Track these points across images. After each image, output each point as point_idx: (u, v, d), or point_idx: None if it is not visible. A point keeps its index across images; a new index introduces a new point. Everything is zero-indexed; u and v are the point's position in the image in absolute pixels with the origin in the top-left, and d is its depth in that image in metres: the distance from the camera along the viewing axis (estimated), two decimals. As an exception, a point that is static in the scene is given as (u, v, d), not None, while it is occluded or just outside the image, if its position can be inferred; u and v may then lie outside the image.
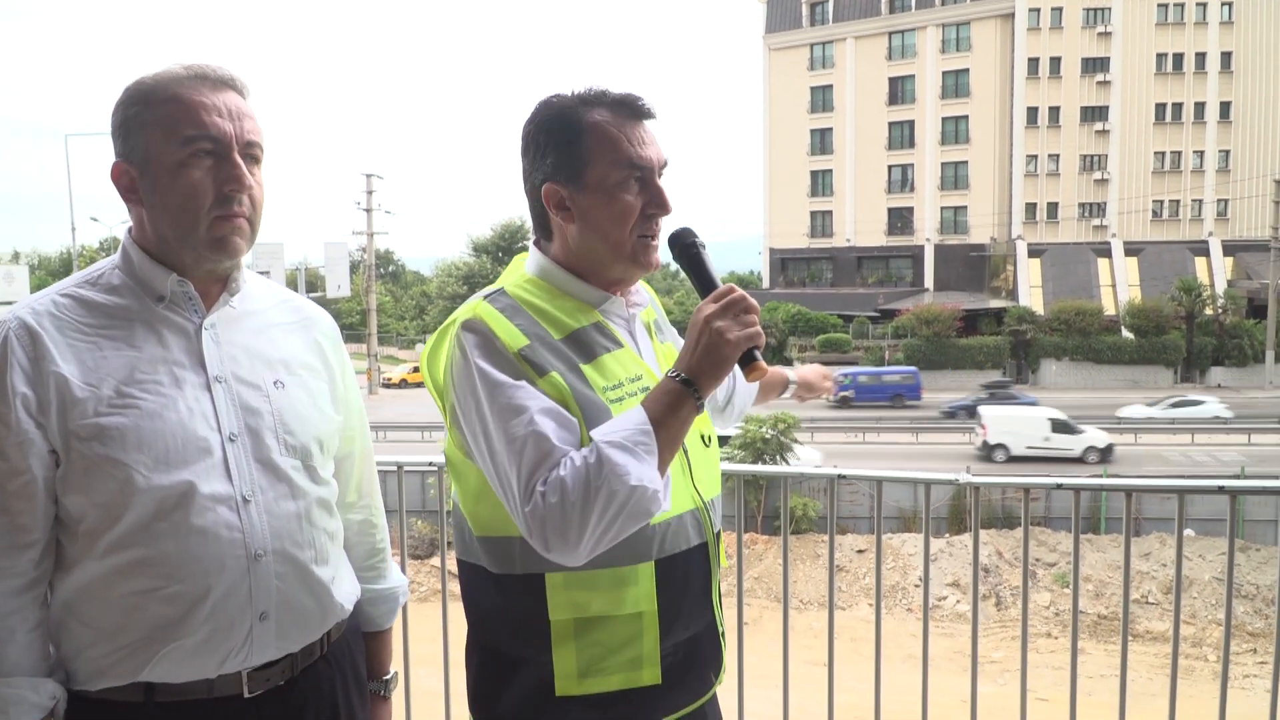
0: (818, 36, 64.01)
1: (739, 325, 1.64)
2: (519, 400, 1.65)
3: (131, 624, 1.65)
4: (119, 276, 1.75)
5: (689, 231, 1.81)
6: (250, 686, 1.73)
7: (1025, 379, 49.07)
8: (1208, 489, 3.30)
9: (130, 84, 1.72)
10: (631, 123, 1.80)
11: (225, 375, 1.75)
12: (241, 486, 1.71)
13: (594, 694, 1.76)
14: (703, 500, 1.87)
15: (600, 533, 1.57)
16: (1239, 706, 11.90)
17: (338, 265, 49.27)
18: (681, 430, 1.66)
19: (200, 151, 1.68)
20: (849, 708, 4.01)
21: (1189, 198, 57.23)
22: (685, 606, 1.82)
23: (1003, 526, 22.71)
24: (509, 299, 1.80)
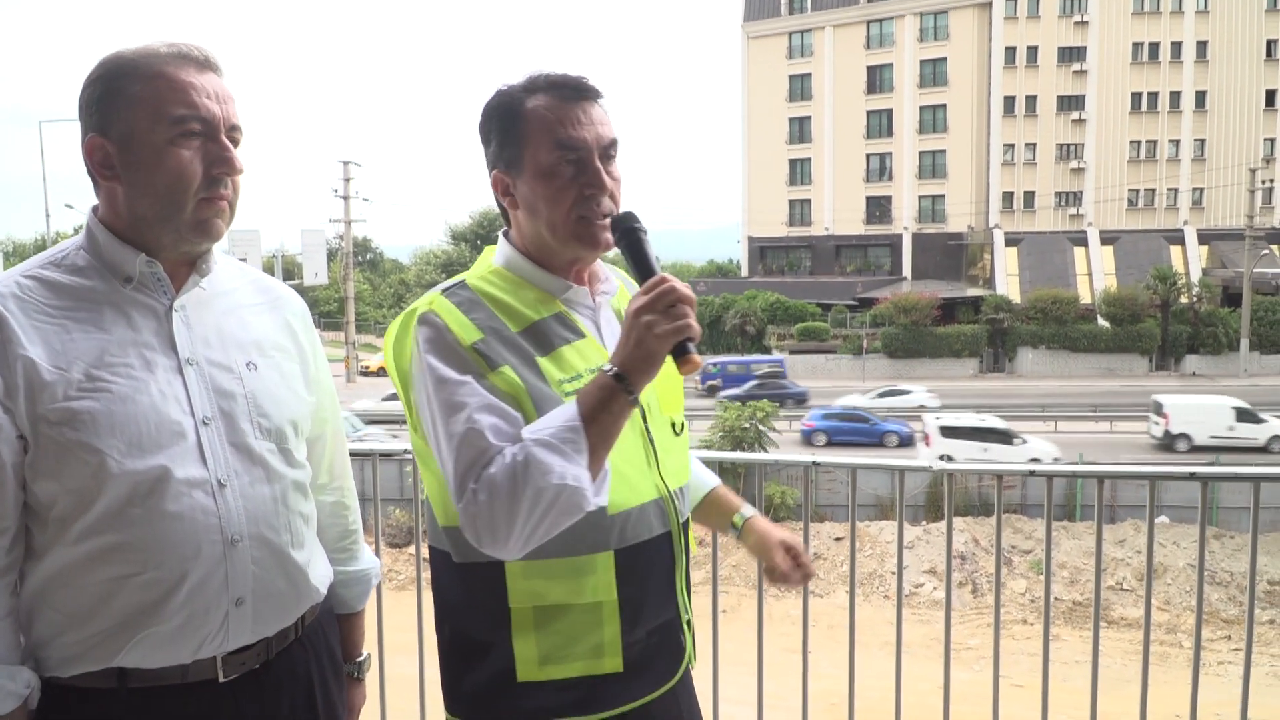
0: (796, 25, 64.03)
1: (667, 318, 1.58)
2: (459, 397, 1.65)
3: (105, 610, 1.63)
4: (84, 257, 1.71)
5: (631, 215, 1.76)
6: (225, 671, 1.71)
7: (1002, 367, 49.34)
8: (1179, 475, 3.31)
9: (107, 57, 1.67)
10: (570, 104, 1.77)
11: (197, 358, 1.72)
12: (217, 470, 1.69)
13: (555, 680, 1.76)
14: (668, 489, 1.85)
15: (530, 529, 1.58)
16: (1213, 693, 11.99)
17: (315, 253, 48.99)
18: (614, 425, 1.62)
19: (189, 132, 1.65)
20: (825, 694, 4.01)
21: (1165, 187, 57.60)
22: (649, 597, 1.82)
23: (979, 514, 22.81)
24: (468, 292, 1.80)
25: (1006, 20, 58.35)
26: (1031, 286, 53.07)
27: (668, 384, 1.90)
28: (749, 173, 65.90)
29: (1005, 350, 49.85)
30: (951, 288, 55.73)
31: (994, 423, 29.87)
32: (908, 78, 61.06)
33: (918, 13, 60.70)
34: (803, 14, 63.94)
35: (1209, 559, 19.34)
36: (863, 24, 62.29)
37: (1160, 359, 48.53)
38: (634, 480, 1.79)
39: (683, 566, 1.89)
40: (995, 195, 59.04)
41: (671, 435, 1.91)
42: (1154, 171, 57.69)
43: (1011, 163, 59.05)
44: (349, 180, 53.19)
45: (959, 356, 49.15)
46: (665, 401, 1.91)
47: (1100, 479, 3.44)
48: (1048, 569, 3.45)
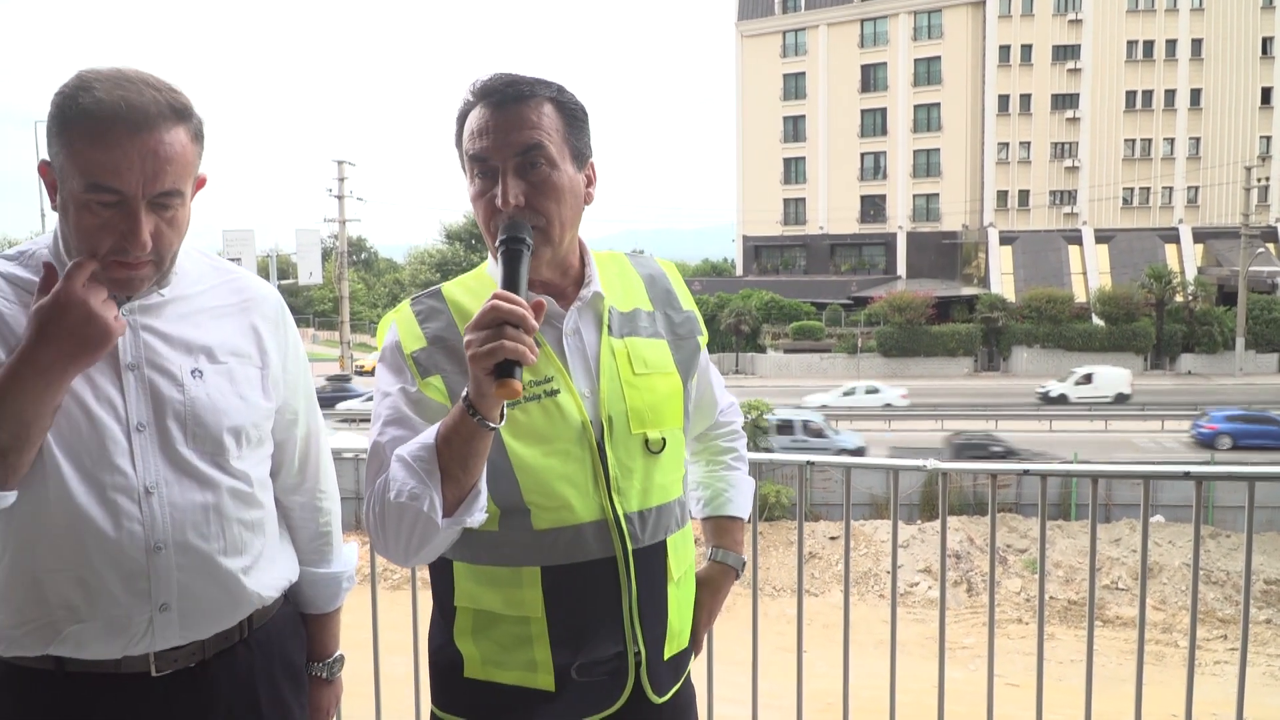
0: (790, 24, 64.04)
1: (481, 340, 1.50)
2: (379, 409, 1.74)
3: (37, 602, 1.68)
4: (47, 256, 1.73)
5: (517, 226, 1.67)
6: (158, 666, 1.75)
7: (997, 366, 49.40)
8: (1173, 474, 3.31)
9: (68, 83, 1.63)
10: (493, 112, 1.71)
11: (139, 362, 1.73)
12: (145, 477, 1.70)
13: (495, 683, 1.79)
14: (616, 513, 1.77)
15: (403, 542, 1.63)
16: (1209, 692, 12.03)
17: (309, 252, 48.91)
18: (466, 447, 1.57)
19: (104, 202, 1.60)
20: (820, 693, 4.02)
21: (1159, 185, 57.67)
22: (588, 624, 1.77)
23: (974, 513, 22.82)
24: (436, 300, 1.83)
25: (1001, 19, 58.39)
26: (1026, 285, 53.14)
27: (649, 397, 1.84)
28: (743, 171, 65.91)
29: (1000, 349, 49.91)
30: (946, 286, 55.78)
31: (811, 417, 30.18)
32: (902, 76, 61.09)
33: (912, 11, 60.72)
34: (797, 13, 63.94)
35: (1204, 558, 19.36)
36: (857, 23, 62.31)
37: (1155, 358, 48.59)
38: (571, 501, 1.74)
39: (632, 596, 1.79)
40: (990, 194, 59.09)
41: (642, 454, 1.81)
42: (1149, 170, 57.76)
43: (1006, 161, 59.10)
44: (344, 180, 53.13)
45: (953, 355, 49.19)
46: (643, 417, 1.82)
47: (1094, 478, 3.43)
48: (1042, 568, 3.45)
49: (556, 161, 1.72)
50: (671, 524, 1.87)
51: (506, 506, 1.72)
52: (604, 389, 1.78)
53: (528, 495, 1.72)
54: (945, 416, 33.86)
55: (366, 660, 3.63)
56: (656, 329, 1.91)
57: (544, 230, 1.71)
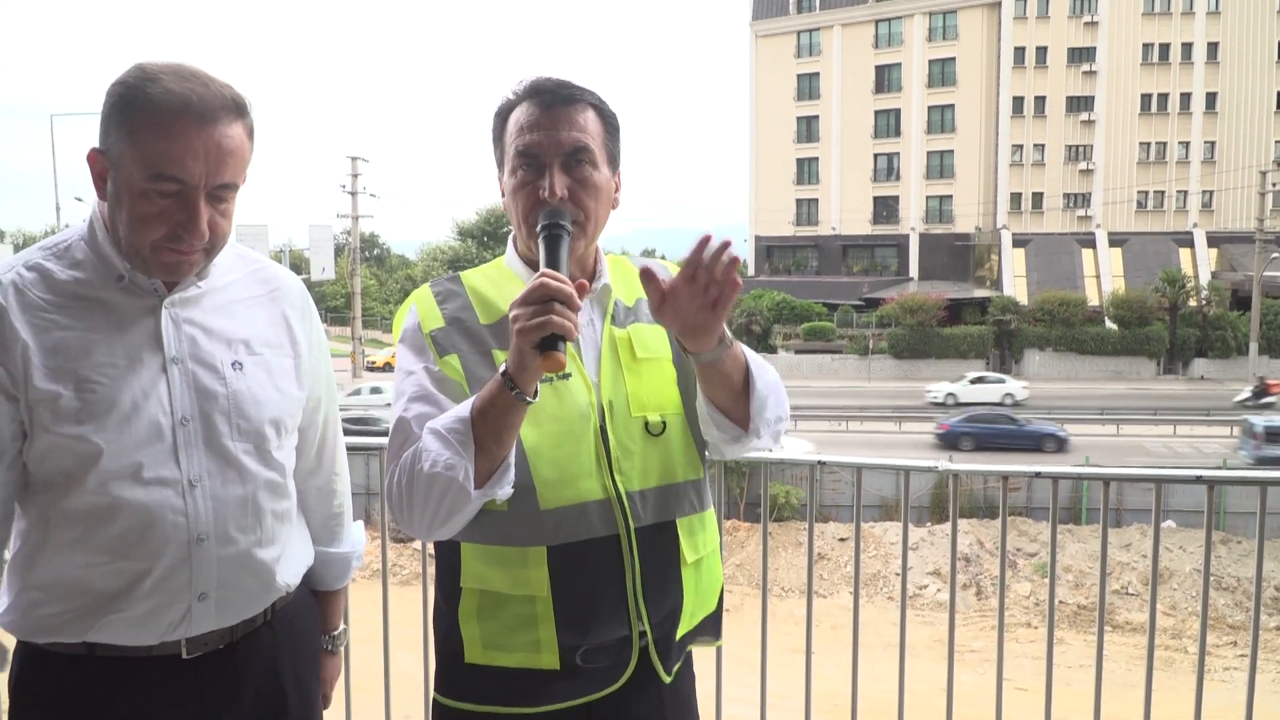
0: (805, 24, 63.94)
1: (530, 314, 1.57)
2: (402, 386, 1.80)
3: (77, 592, 1.71)
4: (83, 250, 1.75)
5: (558, 212, 1.75)
6: (189, 650, 1.79)
7: (1009, 369, 49.24)
8: (1185, 479, 3.30)
9: (128, 75, 1.66)
10: (543, 110, 1.80)
11: (182, 356, 1.76)
12: (189, 470, 1.74)
13: (497, 666, 1.82)
14: (619, 491, 1.81)
15: (430, 514, 1.67)
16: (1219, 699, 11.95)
17: (322, 248, 49.04)
18: (502, 420, 1.64)
19: (165, 191, 1.65)
20: (828, 695, 4.01)
21: (1174, 189, 57.43)
22: (593, 604, 1.81)
23: (985, 516, 22.77)
24: (454, 284, 1.91)
25: (1016, 20, 58.20)
26: (1039, 288, 52.96)
27: (648, 383, 1.90)
28: (756, 172, 65.83)
29: (1012, 352, 49.75)
30: (958, 288, 55.62)
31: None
32: (916, 77, 60.95)
33: (927, 12, 60.56)
34: (811, 13, 63.84)
35: (1215, 564, 19.28)
36: (871, 23, 62.19)
37: (1168, 362, 48.40)
38: (576, 479, 1.79)
39: (636, 575, 1.83)
40: (1003, 196, 58.92)
41: (642, 436, 1.86)
42: (1163, 173, 57.53)
43: (1020, 163, 58.92)
44: (357, 176, 53.20)
45: (965, 358, 49.03)
46: (642, 401, 1.88)
47: (1106, 481, 3.42)
48: (1052, 572, 3.44)
49: (598, 163, 1.83)
50: (682, 506, 1.91)
51: (515, 486, 1.74)
52: (605, 374, 1.85)
53: (536, 475, 1.77)
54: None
55: (377, 655, 3.64)
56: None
57: (581, 224, 1.80)
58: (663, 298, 1.70)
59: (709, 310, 1.67)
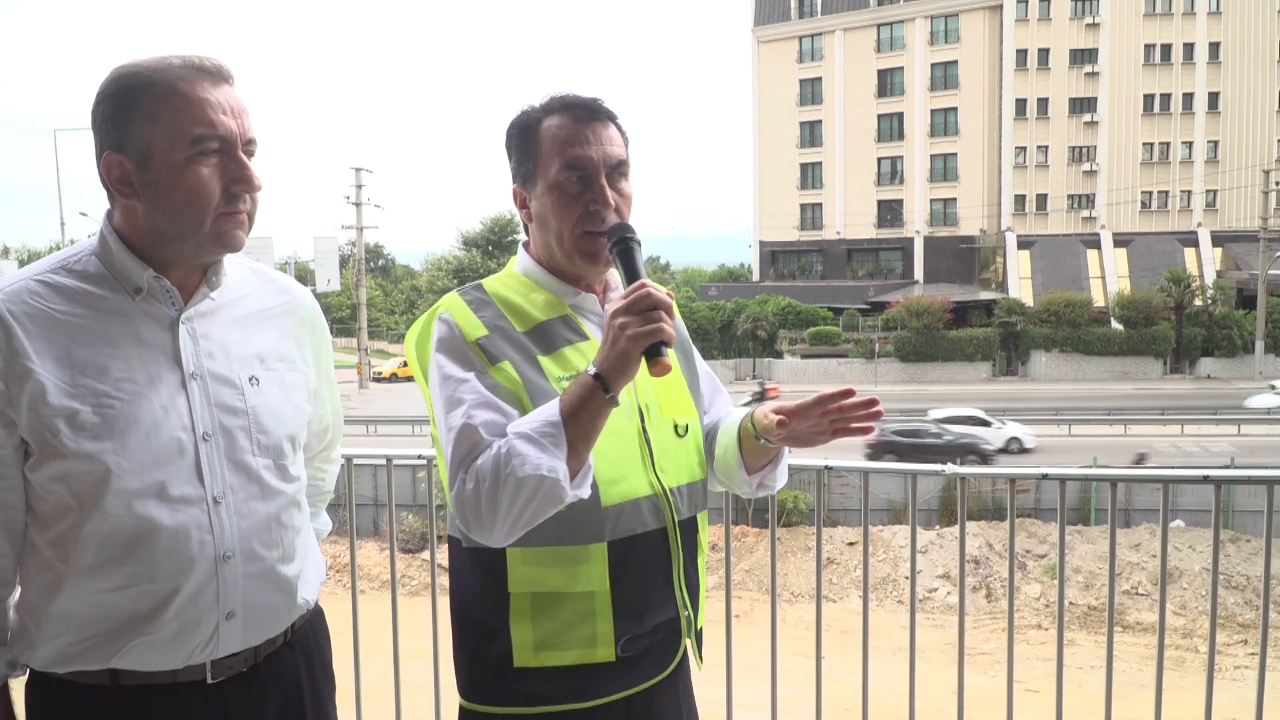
0: (807, 29, 64.00)
1: (640, 321, 1.66)
2: (459, 394, 1.78)
3: (101, 618, 1.66)
4: (95, 264, 1.71)
5: (625, 227, 1.85)
6: (213, 674, 1.75)
7: (1015, 370, 49.22)
8: (1193, 479, 3.30)
9: (118, 73, 1.67)
10: (581, 124, 1.88)
11: (201, 372, 1.74)
12: (213, 487, 1.71)
13: (549, 667, 1.85)
14: (664, 487, 1.92)
15: (513, 517, 1.68)
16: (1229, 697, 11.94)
17: (327, 259, 49.13)
18: (593, 422, 1.70)
19: (207, 150, 1.66)
20: (839, 699, 4.01)
21: (1178, 189, 57.39)
22: (644, 593, 1.89)
23: (993, 518, 22.72)
24: (481, 292, 1.93)
25: (1018, 23, 58.22)
26: (1044, 289, 52.92)
27: (672, 388, 2.00)
28: (760, 177, 65.84)
29: (1018, 354, 49.71)
30: (964, 291, 55.58)
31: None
32: (919, 81, 60.98)
33: (928, 16, 60.60)
34: (813, 18, 63.90)
35: (1224, 563, 19.24)
36: (873, 27, 62.23)
37: (1175, 362, 48.33)
38: (629, 476, 1.88)
39: (680, 564, 1.95)
40: (1007, 198, 58.89)
41: (673, 437, 1.98)
42: (1167, 173, 57.49)
43: (1023, 165, 58.90)
44: (361, 187, 53.34)
45: (971, 360, 49.01)
46: (669, 404, 1.99)
47: (1114, 482, 3.42)
48: (1061, 573, 3.44)
49: (628, 176, 1.95)
50: (701, 501, 2.04)
51: None
52: (638, 378, 1.86)
53: (597, 474, 1.81)
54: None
55: (387, 666, 3.65)
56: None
57: None
58: (791, 414, 1.92)
59: (825, 436, 1.92)
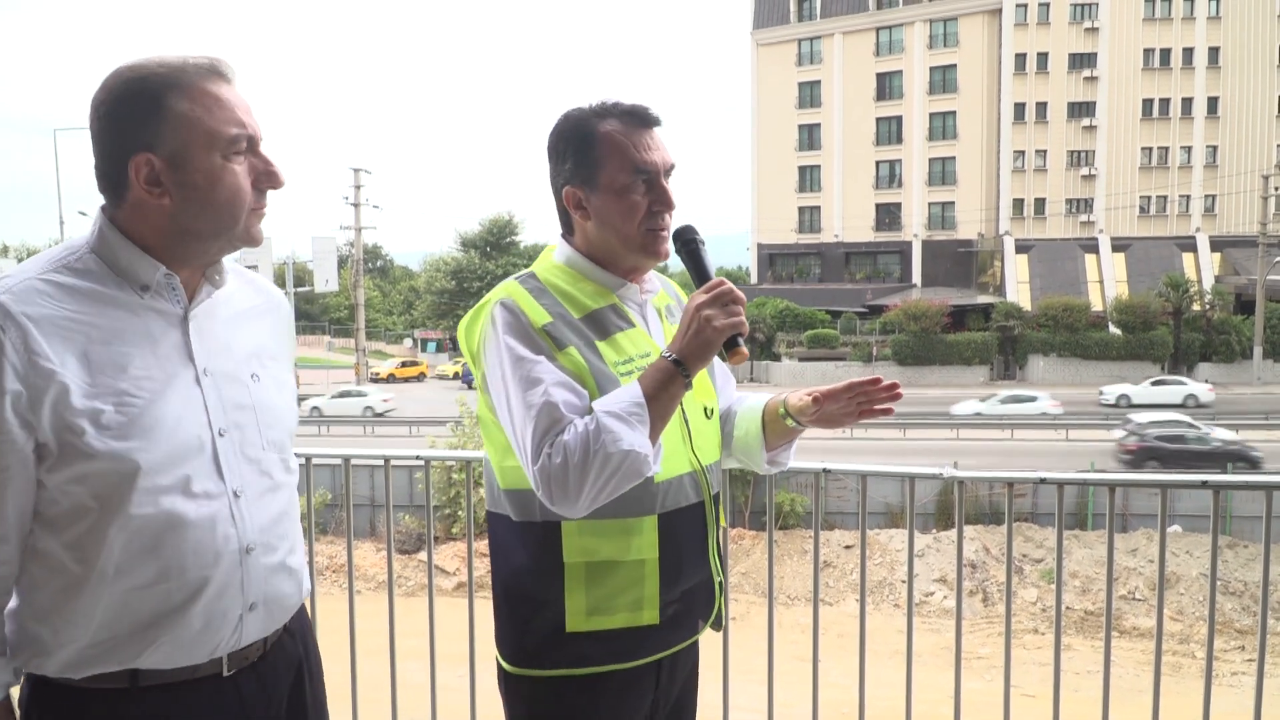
0: (806, 32, 64.05)
1: (725, 314, 1.86)
2: (536, 373, 1.88)
3: (126, 616, 1.65)
4: (94, 261, 1.69)
5: (691, 229, 2.03)
6: (230, 665, 1.77)
7: (1013, 375, 49.24)
8: (1191, 483, 3.30)
9: (134, 73, 1.66)
10: (639, 130, 2.02)
11: (213, 369, 1.75)
12: (232, 481, 1.73)
13: (599, 630, 2.00)
14: (701, 464, 2.10)
15: (597, 490, 1.81)
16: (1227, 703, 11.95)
17: (325, 259, 49.12)
18: (671, 404, 1.88)
19: (240, 150, 1.70)
20: (835, 703, 4.01)
21: (1176, 193, 57.45)
22: (685, 558, 2.06)
23: (990, 522, 22.75)
24: (537, 281, 2.05)
25: (1016, 27, 58.29)
26: (1042, 293, 52.97)
27: (700, 374, 2.07)
28: (758, 180, 65.88)
29: (1016, 358, 49.73)
30: (962, 295, 55.64)
31: None
32: (917, 84, 61.03)
33: (927, 19, 60.67)
34: (812, 21, 63.96)
35: (1222, 568, 19.26)
36: (872, 31, 62.29)
37: (1173, 367, 48.33)
38: (674, 454, 2.02)
39: (714, 533, 2.13)
40: (1005, 202, 58.93)
41: (704, 418, 2.15)
42: (1166, 178, 57.55)
43: (1022, 169, 58.94)
44: (359, 187, 53.34)
45: (969, 364, 49.05)
46: (698, 389, 2.11)
47: (1112, 487, 3.42)
48: (1059, 578, 3.44)
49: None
50: (722, 478, 2.26)
51: None
52: None
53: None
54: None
55: (383, 666, 3.64)
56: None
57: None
58: (825, 396, 2.17)
59: (852, 417, 2.18)
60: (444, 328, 62.86)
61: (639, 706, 2.09)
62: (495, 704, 3.64)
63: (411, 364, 59.20)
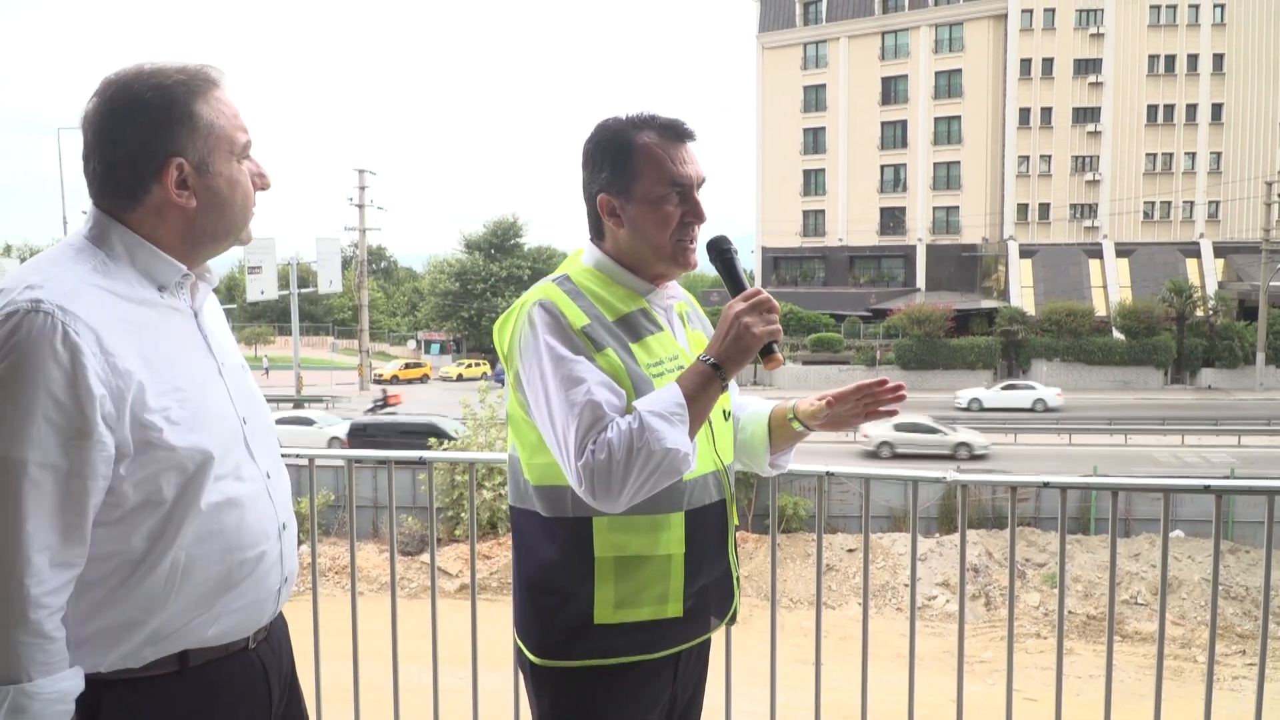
0: (811, 36, 64.06)
1: (763, 321, 1.97)
2: (579, 373, 1.94)
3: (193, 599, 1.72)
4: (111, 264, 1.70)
5: (725, 239, 2.16)
6: (254, 639, 1.86)
7: (1016, 379, 49.22)
8: (1193, 488, 3.30)
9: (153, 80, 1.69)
10: (675, 144, 2.09)
11: (226, 362, 1.85)
12: (263, 464, 1.85)
13: (626, 623, 2.06)
14: (723, 464, 2.18)
15: (639, 486, 1.88)
16: (1228, 708, 11.94)
17: (330, 260, 49.14)
18: (708, 406, 1.97)
19: (246, 156, 1.79)
20: (837, 706, 4.01)
21: (1180, 199, 57.39)
22: (707, 552, 2.13)
23: (993, 526, 22.71)
24: (573, 284, 2.10)
25: (1022, 32, 58.26)
26: (1046, 298, 52.94)
27: None
28: (763, 183, 65.89)
29: (1019, 362, 49.72)
30: (966, 299, 55.61)
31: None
32: (923, 89, 61.04)
33: (933, 24, 60.68)
34: (818, 25, 63.98)
35: (1224, 573, 19.23)
36: (878, 35, 62.30)
37: (1176, 372, 48.34)
38: (700, 454, 2.07)
39: (733, 531, 2.22)
40: (1010, 207, 58.90)
41: (723, 420, 2.22)
42: (1170, 184, 57.50)
43: (1026, 174, 58.91)
44: (364, 188, 53.40)
45: (973, 368, 49.02)
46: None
47: (1114, 491, 3.42)
48: (1061, 582, 3.44)
49: None
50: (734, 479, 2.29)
51: None
52: None
53: None
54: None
55: (386, 668, 3.65)
56: (704, 325, 2.37)
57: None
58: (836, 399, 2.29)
59: (860, 418, 2.31)
60: (448, 329, 62.84)
61: (657, 699, 2.15)
62: (497, 706, 3.66)
63: (415, 365, 59.17)
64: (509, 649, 3.32)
